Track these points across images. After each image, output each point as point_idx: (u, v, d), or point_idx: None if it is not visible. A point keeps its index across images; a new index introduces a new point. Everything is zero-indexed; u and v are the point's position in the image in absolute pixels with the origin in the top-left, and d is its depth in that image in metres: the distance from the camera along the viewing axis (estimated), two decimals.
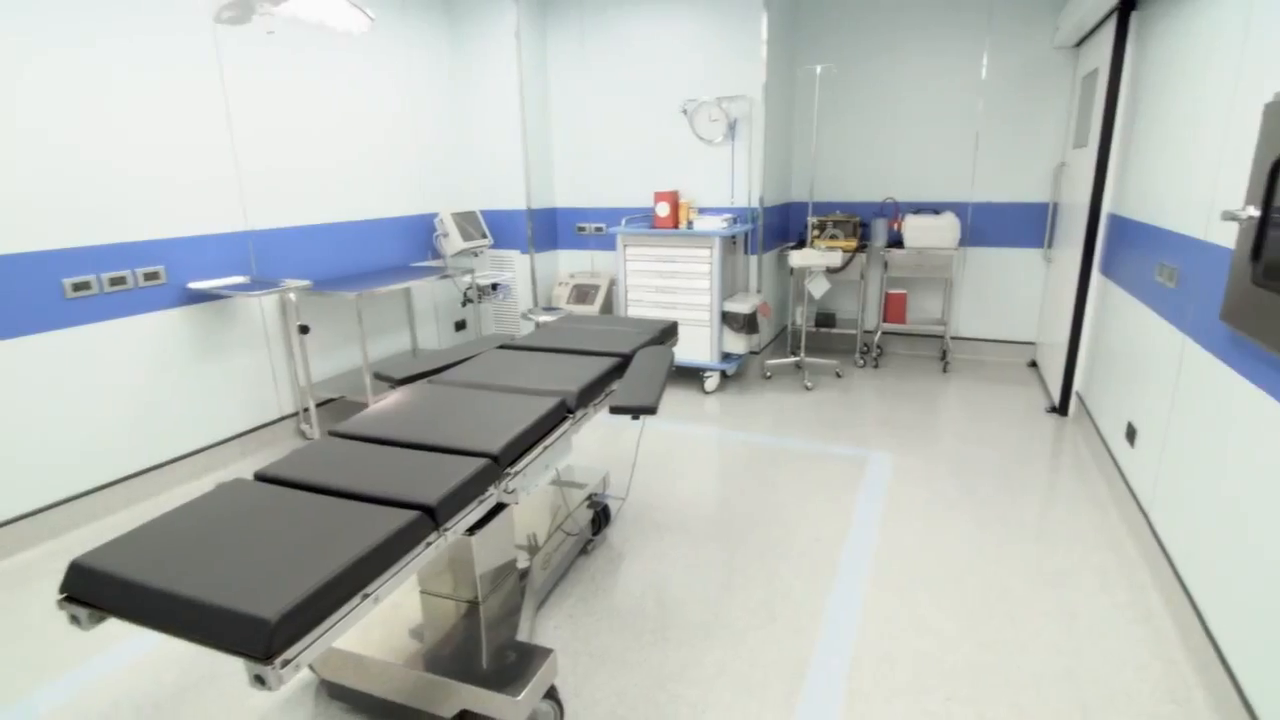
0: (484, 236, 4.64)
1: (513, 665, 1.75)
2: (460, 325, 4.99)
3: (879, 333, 5.13)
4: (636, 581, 2.48)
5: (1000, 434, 3.72)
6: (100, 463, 2.93)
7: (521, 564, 2.20)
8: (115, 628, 2.24)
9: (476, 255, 4.79)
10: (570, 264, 5.28)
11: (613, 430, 3.86)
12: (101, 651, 2.18)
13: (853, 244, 4.89)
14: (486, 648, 1.84)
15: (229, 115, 3.29)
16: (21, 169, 2.59)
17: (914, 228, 4.79)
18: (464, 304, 4.59)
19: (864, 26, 4.94)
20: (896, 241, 4.92)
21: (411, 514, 1.45)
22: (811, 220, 4.97)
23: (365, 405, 3.67)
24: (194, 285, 3.13)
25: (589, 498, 2.68)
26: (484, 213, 4.84)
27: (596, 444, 3.66)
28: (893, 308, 5.03)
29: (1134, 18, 3.29)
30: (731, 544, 2.70)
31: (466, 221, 4.52)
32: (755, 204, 4.62)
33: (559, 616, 2.30)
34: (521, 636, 1.93)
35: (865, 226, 5.10)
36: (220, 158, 3.27)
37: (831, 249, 4.64)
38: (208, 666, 2.10)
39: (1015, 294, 4.98)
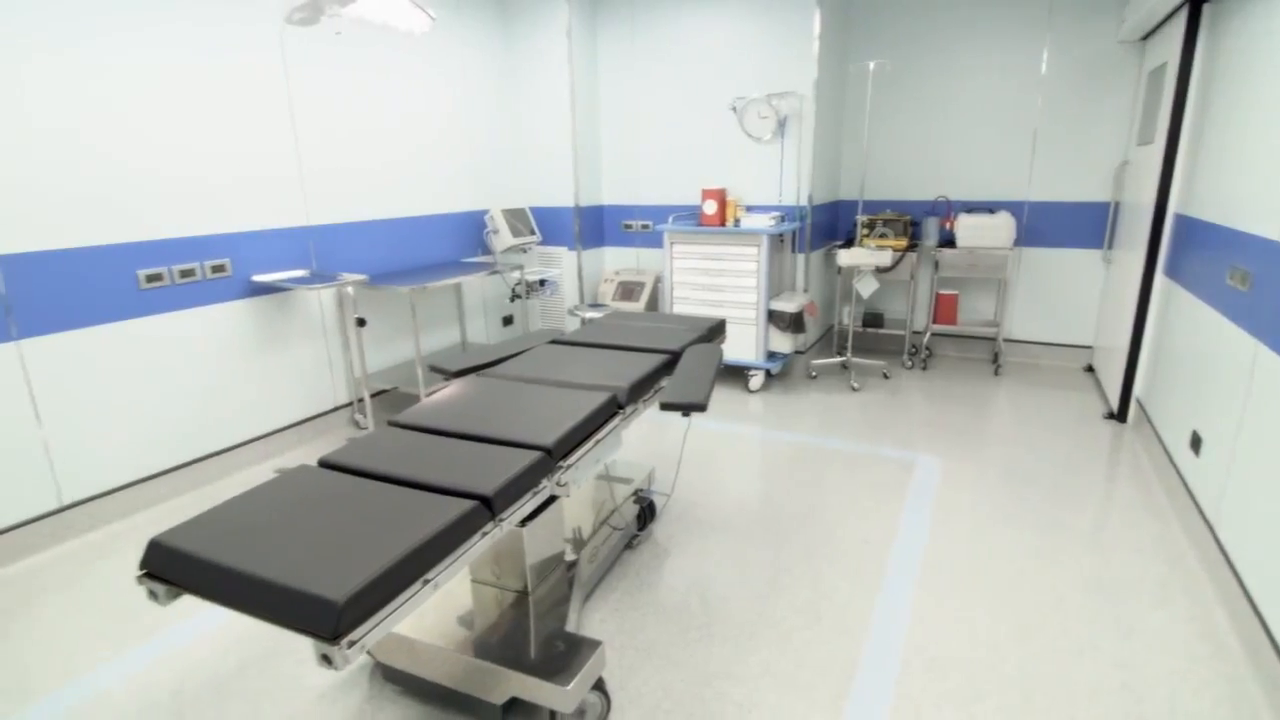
0: (532, 233, 4.69)
1: (562, 655, 1.78)
2: (508, 320, 5.07)
3: (928, 334, 5.03)
4: (681, 578, 2.50)
5: (1054, 440, 3.62)
6: (168, 447, 3.07)
7: (569, 556, 2.23)
8: (182, 604, 2.34)
9: (525, 251, 4.86)
10: (616, 261, 5.31)
11: (657, 427, 3.88)
12: (169, 626, 2.28)
13: (903, 243, 4.81)
14: (536, 637, 1.88)
15: (293, 115, 3.40)
16: (101, 165, 2.72)
17: (967, 227, 4.69)
18: (512, 299, 4.66)
19: (920, 22, 4.85)
20: (948, 241, 4.82)
21: (469, 504, 1.49)
22: (861, 219, 4.90)
23: (417, 397, 3.75)
24: (257, 278, 3.26)
25: (635, 493, 2.70)
26: (533, 210, 4.90)
27: (641, 440, 3.69)
28: (943, 308, 4.93)
29: (1206, 10, 3.17)
30: (776, 543, 2.70)
31: (516, 218, 4.58)
32: (803, 202, 4.57)
33: (605, 610, 2.32)
34: (569, 628, 1.96)
35: (916, 225, 5.01)
36: (284, 155, 3.39)
37: (881, 248, 4.57)
38: (267, 645, 2.18)
39: (1072, 296, 4.83)
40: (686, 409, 1.98)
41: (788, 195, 4.60)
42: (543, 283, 4.58)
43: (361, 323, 3.46)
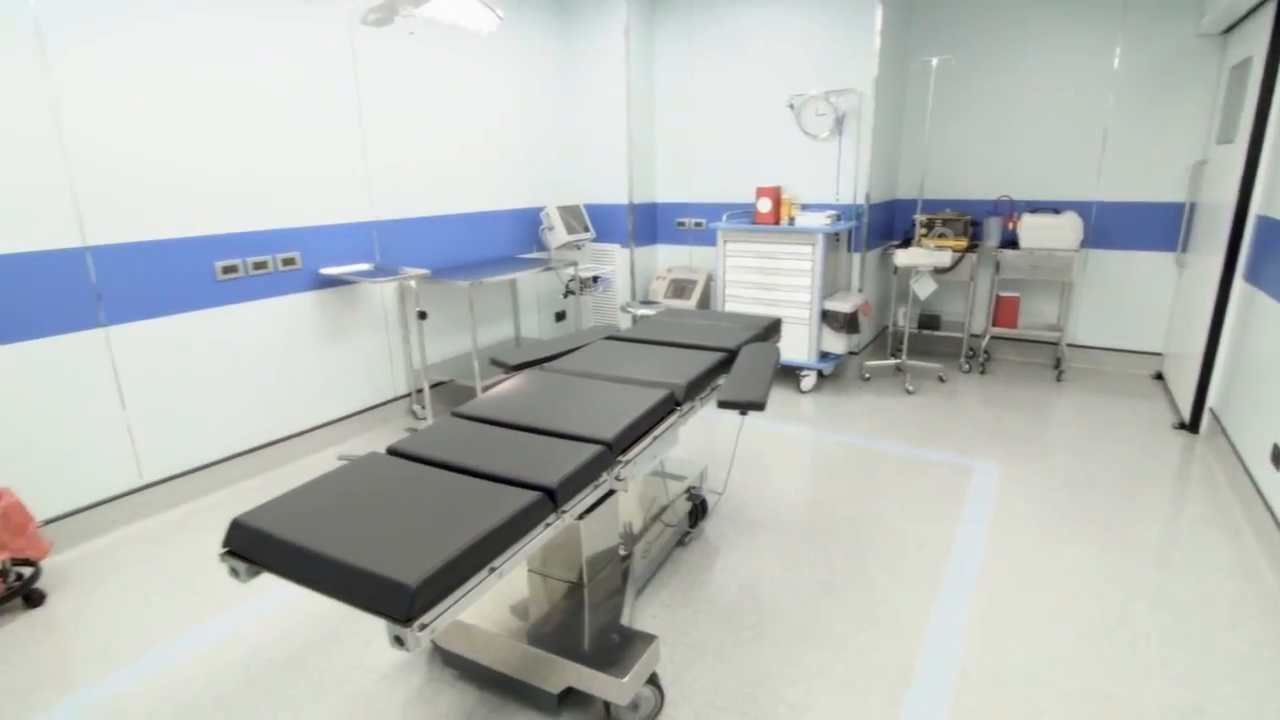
0: (586, 230, 4.73)
1: (617, 648, 1.80)
2: (560, 316, 5.13)
3: (987, 337, 4.90)
4: (732, 576, 2.49)
5: (1121, 449, 3.49)
6: (239, 432, 3.20)
7: (623, 551, 2.25)
8: (251, 583, 2.44)
9: (579, 248, 4.90)
10: (668, 259, 5.32)
11: (707, 424, 3.88)
12: (239, 604, 2.38)
13: (963, 243, 4.70)
14: (591, 629, 1.90)
15: (361, 113, 3.51)
16: (182, 160, 2.85)
17: (1031, 227, 4.55)
18: (565, 295, 4.71)
19: (986, 17, 4.72)
20: (1011, 242, 4.68)
21: (533, 495, 1.52)
22: (920, 218, 4.80)
23: (473, 389, 3.83)
24: (325, 271, 3.37)
25: (687, 490, 2.71)
26: (587, 207, 4.94)
27: (692, 438, 3.69)
28: (1004, 311, 4.80)
29: None
30: (829, 546, 2.67)
31: (570, 215, 4.63)
32: (860, 201, 4.50)
33: (656, 605, 2.34)
34: (623, 622, 1.98)
35: (977, 225, 4.88)
36: (352, 153, 3.50)
37: (940, 248, 4.47)
38: (331, 626, 2.26)
39: (1142, 300, 4.65)
40: (745, 408, 1.98)
41: (844, 194, 4.54)
42: (596, 279, 4.62)
43: (423, 316, 3.55)
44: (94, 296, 2.64)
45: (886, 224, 5.18)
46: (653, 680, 1.85)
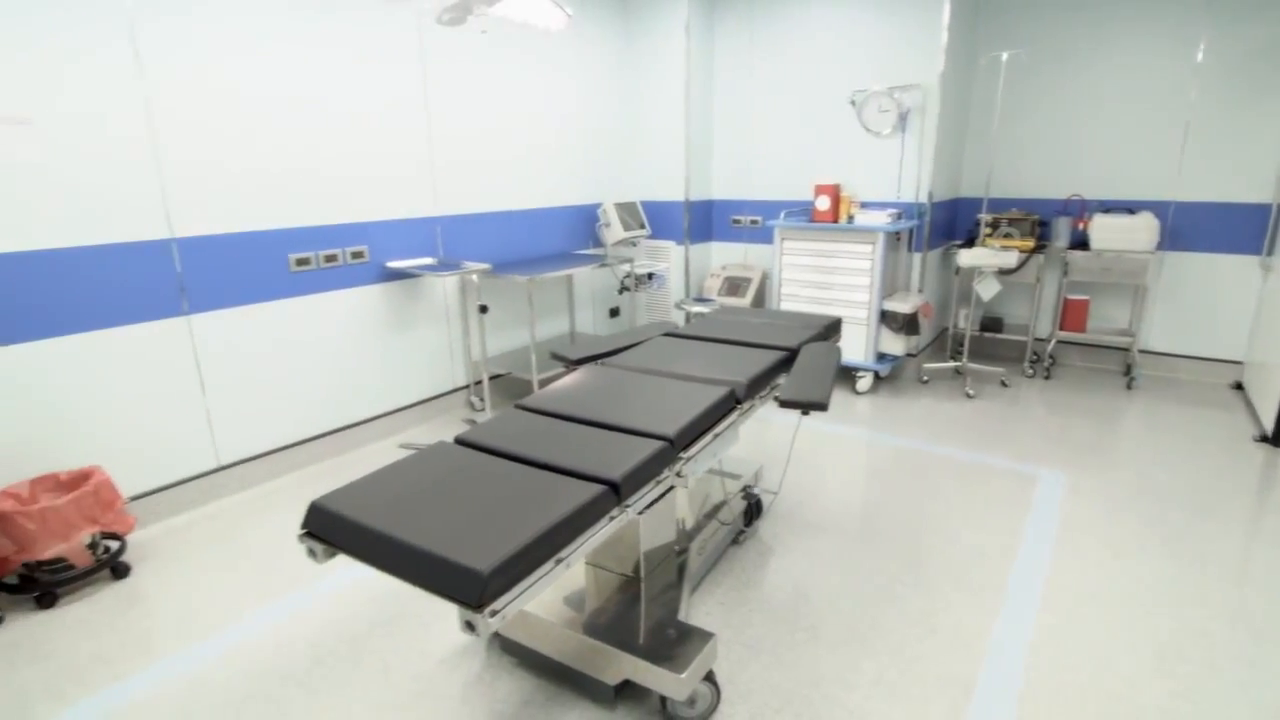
0: (642, 227, 4.75)
1: (674, 644, 1.81)
2: (614, 312, 5.16)
3: (1053, 341, 4.73)
4: (787, 577, 2.48)
5: (1197, 461, 3.34)
6: (308, 418, 3.33)
7: (679, 547, 2.26)
8: (318, 564, 2.54)
9: (634, 245, 4.92)
10: (723, 256, 5.30)
11: (762, 423, 3.86)
12: (307, 584, 2.47)
13: (1030, 244, 4.55)
14: (648, 624, 1.92)
15: (428, 112, 3.59)
16: (259, 157, 2.97)
17: (1103, 228, 4.38)
18: (620, 292, 4.73)
19: (1059, 10, 4.55)
20: (1081, 243, 4.52)
21: (598, 488, 1.54)
22: (984, 217, 4.67)
23: (529, 382, 3.89)
24: (391, 264, 3.47)
25: (743, 489, 2.70)
26: (643, 204, 4.96)
27: (746, 436, 3.67)
28: (1072, 315, 4.64)
29: None
30: (886, 551, 2.63)
31: (627, 212, 4.65)
32: (923, 199, 4.41)
33: (710, 603, 2.34)
34: (680, 618, 1.98)
35: (1044, 225, 4.72)
36: (418, 150, 3.59)
37: (1006, 248, 4.34)
38: (395, 608, 2.33)
39: (1222, 306, 4.43)
40: (807, 407, 1.97)
41: (906, 192, 4.44)
42: (651, 276, 4.63)
43: (484, 309, 3.62)
44: (179, 286, 2.77)
45: (948, 223, 5.06)
46: (709, 678, 1.85)
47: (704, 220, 5.19)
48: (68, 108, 2.42)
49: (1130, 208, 4.49)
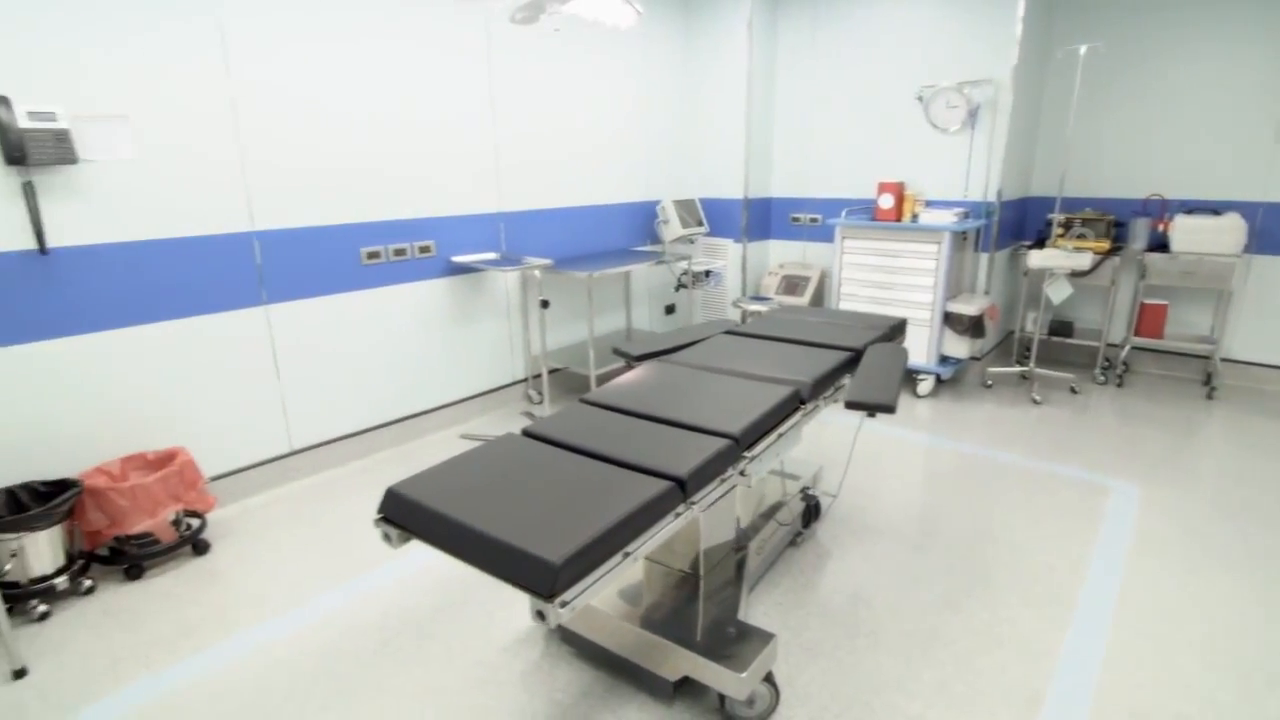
0: (700, 224, 4.74)
1: (734, 643, 1.81)
2: (670, 309, 5.16)
3: (1127, 347, 4.54)
4: (846, 581, 2.45)
5: None
6: (375, 407, 3.43)
7: (737, 546, 2.26)
8: (385, 549, 2.62)
9: (692, 242, 4.91)
10: (781, 254, 5.24)
11: (819, 424, 3.81)
12: (374, 567, 2.55)
13: (1104, 245, 4.37)
14: (707, 621, 1.92)
15: (494, 110, 3.66)
16: (334, 154, 3.07)
17: (1185, 229, 4.18)
18: (677, 289, 4.73)
19: (1141, 1, 4.35)
20: (1159, 244, 4.32)
21: (665, 484, 1.55)
22: (1057, 217, 4.51)
23: (586, 377, 3.93)
24: (456, 259, 3.55)
25: (802, 490, 2.67)
26: (701, 201, 4.94)
27: (803, 437, 3.63)
28: (1148, 320, 4.43)
29: None
30: (948, 558, 2.57)
31: (685, 210, 4.64)
32: (991, 198, 4.27)
33: (768, 604, 2.33)
34: (739, 617, 1.98)
35: (1121, 226, 4.53)
36: (484, 147, 3.66)
37: (1080, 250, 4.18)
38: (458, 594, 2.39)
39: None
40: (874, 409, 1.94)
41: (974, 190, 4.32)
42: (708, 274, 4.62)
43: (545, 304, 3.67)
44: (258, 277, 2.90)
45: (1017, 223, 4.90)
46: (769, 678, 1.85)
47: (762, 218, 5.15)
48: (161, 106, 2.55)
49: (1215, 209, 4.26)
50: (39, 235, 2.32)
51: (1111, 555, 2.58)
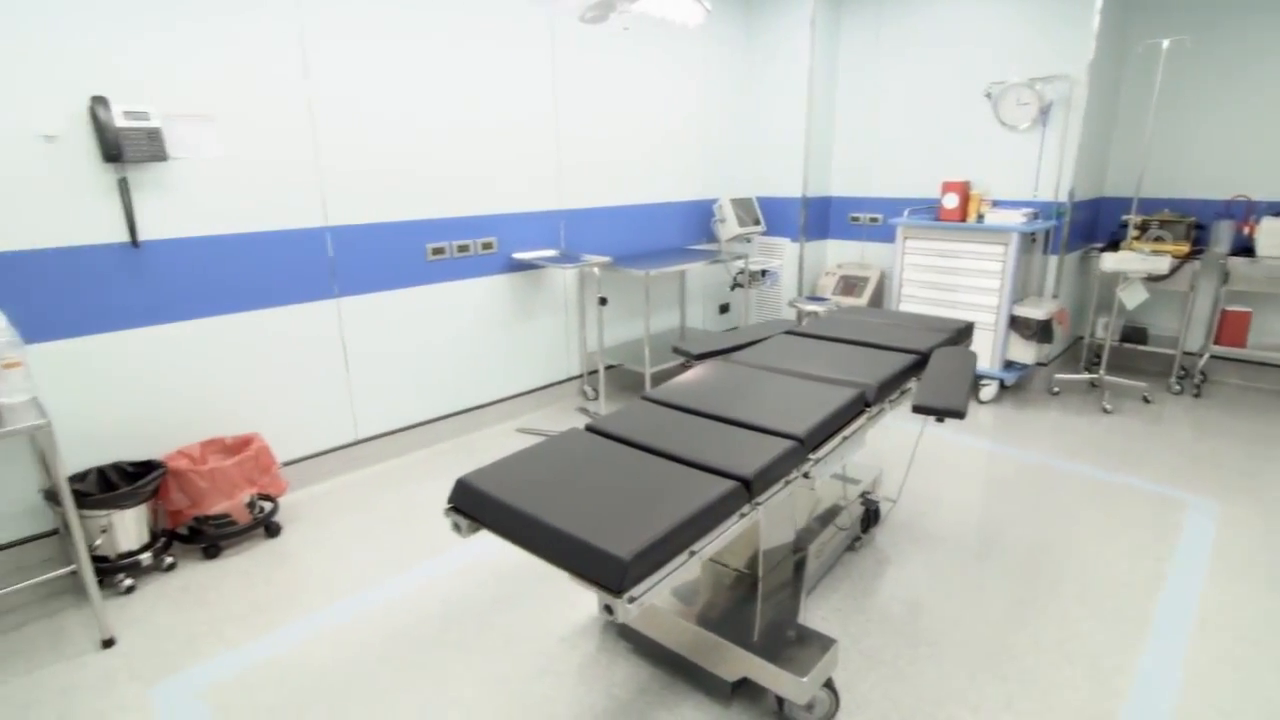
0: (757, 223, 4.70)
1: (795, 646, 1.80)
2: (724, 308, 5.14)
3: (1205, 356, 4.33)
4: (906, 589, 2.40)
5: None
6: (437, 399, 3.52)
7: (798, 548, 2.24)
8: (441, 538, 2.68)
9: (748, 241, 4.88)
10: (838, 254, 5.17)
11: (878, 428, 3.73)
12: (435, 555, 2.62)
13: (1183, 248, 4.18)
14: (766, 623, 1.91)
15: (556, 110, 3.71)
16: (402, 151, 3.15)
17: (1273, 233, 3.96)
18: (732, 288, 4.71)
19: None
20: (1244, 248, 4.10)
21: (730, 484, 1.55)
22: (1132, 218, 4.32)
23: (641, 374, 3.94)
24: (517, 255, 3.61)
25: (861, 495, 2.63)
26: (758, 199, 4.90)
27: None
28: (1230, 328, 4.22)
29: None
30: (1013, 570, 2.50)
31: (742, 208, 4.61)
32: (1063, 198, 4.13)
33: (826, 609, 2.30)
34: (799, 620, 1.96)
35: (1201, 229, 4.32)
36: (547, 146, 3.71)
37: (1157, 253, 4.01)
38: (516, 585, 2.43)
39: None
40: (944, 414, 1.90)
41: (1044, 190, 4.18)
42: (764, 273, 4.58)
43: (604, 301, 3.70)
44: (330, 271, 2.99)
45: (1089, 224, 4.71)
46: (829, 684, 1.83)
47: (820, 217, 5.08)
48: (244, 106, 2.66)
49: None
50: (132, 229, 2.45)
51: (1189, 573, 2.47)
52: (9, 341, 2.05)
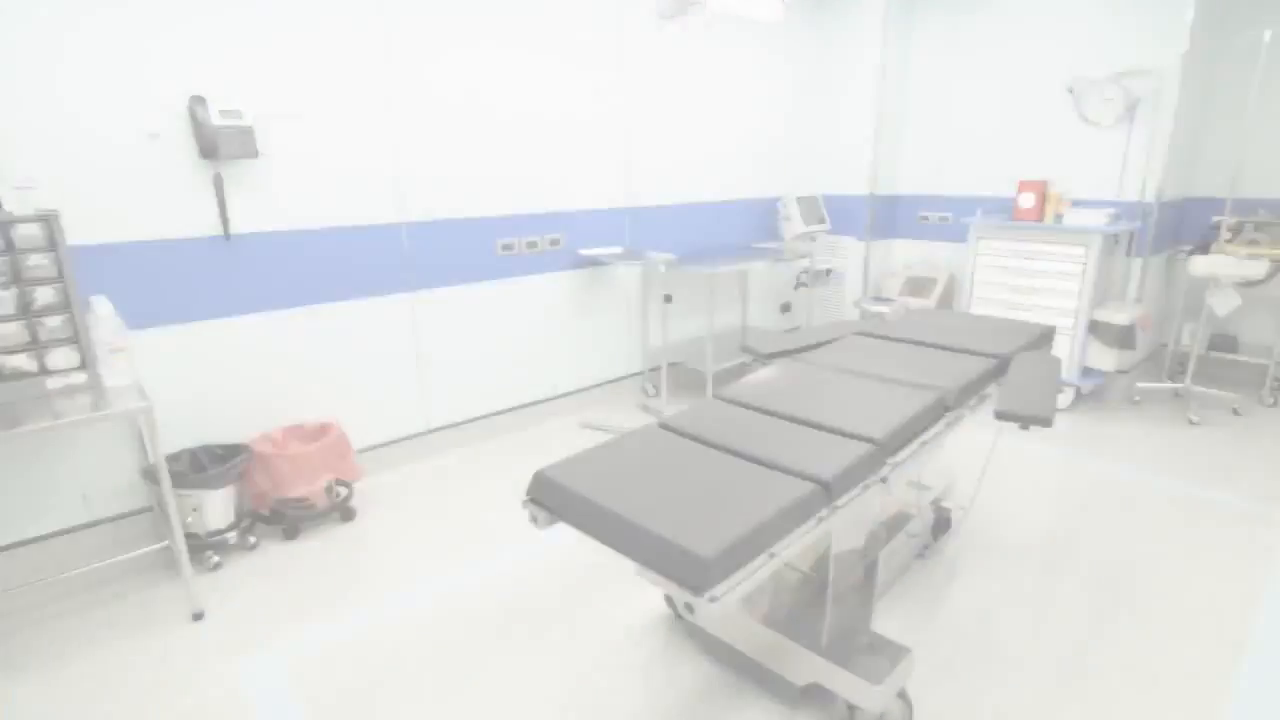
0: (821, 221, 4.63)
1: (867, 653, 1.77)
2: (785, 307, 5.08)
3: None
4: (978, 600, 2.34)
5: None
6: (504, 392, 3.59)
7: (870, 553, 2.20)
8: (509, 530, 2.73)
9: (813, 239, 4.81)
10: (905, 254, 5.05)
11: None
12: (503, 547, 2.66)
13: None
14: (836, 629, 1.88)
15: (625, 107, 3.73)
16: (474, 147, 3.21)
17: None
18: (796, 287, 4.66)
19: None
20: None
21: (810, 486, 1.53)
22: (1225, 220, 4.09)
23: (703, 373, 3.93)
24: (583, 252, 3.64)
25: (933, 502, 2.57)
26: (824, 197, 4.83)
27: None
28: None
29: None
30: (1091, 586, 2.40)
31: (807, 206, 4.55)
32: (1149, 198, 3.94)
33: (896, 616, 2.26)
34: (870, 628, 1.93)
35: None
36: (614, 142, 3.74)
37: (1253, 256, 3.79)
38: (582, 577, 2.46)
39: None
40: (1030, 422, 1.84)
41: (1128, 189, 3.99)
42: (828, 272, 4.51)
43: (668, 299, 3.71)
44: (406, 265, 3.08)
45: (1175, 225, 4.49)
46: (902, 694, 1.79)
47: (888, 216, 4.97)
48: (329, 105, 2.76)
49: None
50: (225, 222, 2.56)
51: None
52: (115, 328, 2.17)
